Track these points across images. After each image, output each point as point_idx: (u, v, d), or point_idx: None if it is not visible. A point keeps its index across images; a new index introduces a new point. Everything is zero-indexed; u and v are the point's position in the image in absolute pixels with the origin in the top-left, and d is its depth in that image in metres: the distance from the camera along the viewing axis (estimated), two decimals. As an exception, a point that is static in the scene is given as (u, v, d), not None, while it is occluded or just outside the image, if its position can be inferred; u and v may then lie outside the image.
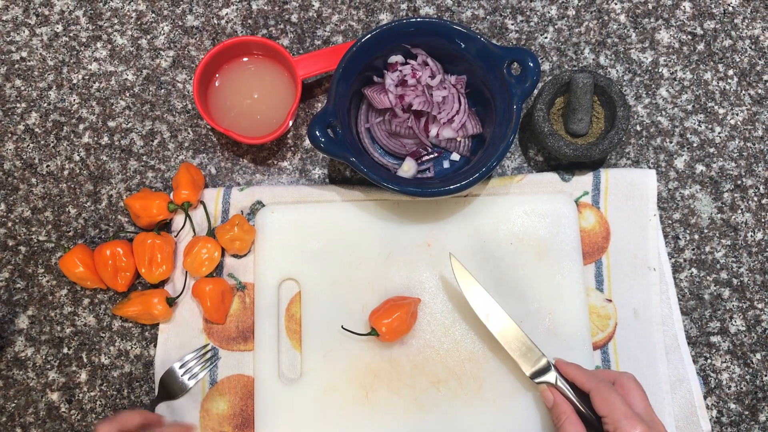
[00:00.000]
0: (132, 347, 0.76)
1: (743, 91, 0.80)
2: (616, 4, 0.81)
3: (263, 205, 0.76)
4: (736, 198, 0.78)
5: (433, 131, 0.75)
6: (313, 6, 0.82)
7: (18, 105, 0.80)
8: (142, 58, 0.81)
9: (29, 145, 0.79)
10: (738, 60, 0.80)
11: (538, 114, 0.74)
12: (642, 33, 0.81)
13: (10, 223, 0.78)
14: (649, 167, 0.78)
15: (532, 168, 0.79)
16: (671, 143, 0.79)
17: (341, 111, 0.71)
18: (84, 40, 0.81)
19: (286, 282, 0.74)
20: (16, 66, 0.81)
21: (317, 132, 0.68)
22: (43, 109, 0.80)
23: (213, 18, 0.82)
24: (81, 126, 0.80)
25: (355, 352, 0.72)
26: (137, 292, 0.75)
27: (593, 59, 0.81)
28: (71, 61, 0.81)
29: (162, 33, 0.81)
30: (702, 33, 0.81)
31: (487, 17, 0.81)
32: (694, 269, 0.77)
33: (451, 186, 0.68)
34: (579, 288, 0.73)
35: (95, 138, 0.79)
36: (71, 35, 0.81)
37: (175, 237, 0.76)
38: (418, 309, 0.73)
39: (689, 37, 0.81)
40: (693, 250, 0.77)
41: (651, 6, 0.81)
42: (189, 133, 0.80)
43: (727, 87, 0.80)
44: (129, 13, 0.82)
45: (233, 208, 0.76)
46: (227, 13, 0.82)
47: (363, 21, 0.81)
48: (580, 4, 0.82)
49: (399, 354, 0.72)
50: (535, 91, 0.78)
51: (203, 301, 0.72)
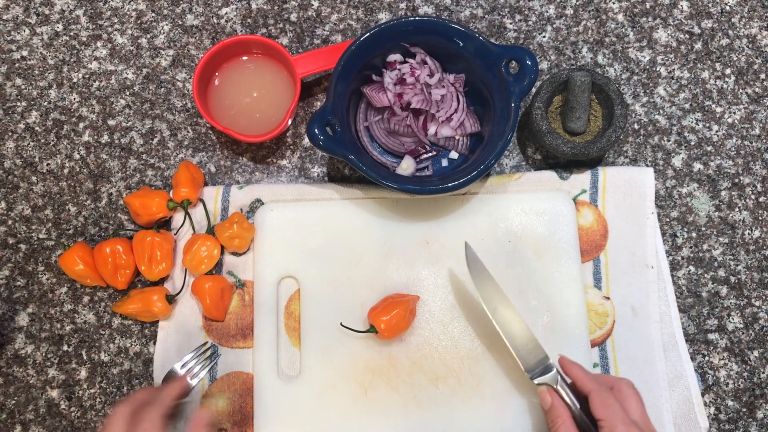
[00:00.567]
0: (132, 344, 0.76)
1: (740, 90, 0.80)
2: (614, 3, 0.82)
3: (262, 203, 0.77)
4: (733, 196, 0.78)
5: (432, 129, 0.75)
6: (313, 5, 0.82)
7: (18, 103, 0.80)
8: (142, 57, 0.81)
9: (30, 144, 0.80)
10: (735, 59, 0.81)
11: (536, 112, 0.74)
12: (640, 32, 0.81)
13: (10, 221, 0.78)
14: (647, 165, 0.79)
15: (530, 166, 0.80)
16: (669, 141, 0.79)
17: (340, 109, 0.71)
18: (84, 39, 0.82)
19: (285, 280, 0.75)
20: (16, 65, 0.81)
21: (316, 130, 0.68)
22: (44, 108, 0.80)
23: (212, 17, 0.82)
24: (81, 124, 0.80)
25: (354, 349, 0.72)
26: (137, 289, 0.75)
27: (591, 58, 0.81)
28: (71, 60, 0.81)
29: (162, 32, 0.82)
30: (699, 32, 0.81)
31: (486, 16, 0.82)
32: (691, 267, 0.77)
33: (450, 184, 0.69)
34: (577, 286, 0.74)
35: (95, 136, 0.80)
36: (71, 34, 0.82)
37: (175, 235, 0.76)
38: (416, 306, 0.73)
39: (687, 36, 0.81)
40: (691, 247, 0.77)
41: (649, 5, 0.82)
42: (188, 132, 0.80)
43: (725, 86, 0.80)
44: (129, 13, 0.82)
45: (232, 206, 0.77)
46: (227, 13, 0.82)
47: (362, 20, 0.82)
48: (578, 3, 0.82)
49: (398, 351, 0.72)
50: (533, 90, 0.79)
51: (203, 299, 0.73)
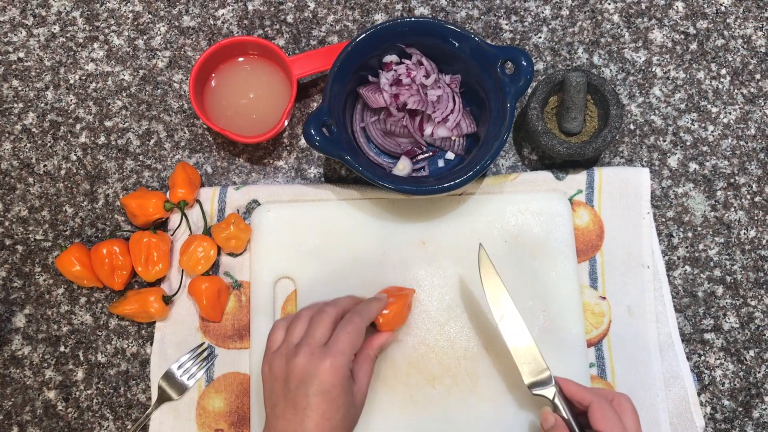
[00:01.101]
0: (128, 345, 0.76)
1: (736, 90, 0.80)
2: (609, 4, 0.82)
3: (259, 204, 0.77)
4: (729, 196, 0.78)
5: (428, 130, 0.75)
6: (309, 6, 0.82)
7: (15, 105, 0.80)
8: (138, 58, 0.81)
9: (26, 145, 0.80)
10: (731, 59, 0.81)
11: (531, 113, 0.74)
12: (635, 32, 0.82)
13: (7, 223, 0.78)
14: (643, 166, 0.79)
15: (526, 167, 0.80)
16: (665, 142, 0.79)
17: (336, 110, 0.71)
18: (81, 40, 0.82)
19: (281, 280, 0.75)
20: (13, 66, 0.81)
21: (312, 131, 0.68)
22: (40, 109, 0.80)
23: (209, 18, 0.82)
24: (78, 126, 0.80)
25: (351, 349, 0.73)
26: (134, 290, 0.75)
27: (587, 59, 0.81)
28: (68, 62, 0.81)
29: (158, 33, 0.82)
30: (695, 32, 0.82)
31: (482, 17, 0.82)
32: (687, 267, 0.77)
33: (446, 184, 0.69)
34: (573, 286, 0.74)
35: (92, 138, 0.80)
36: (68, 36, 0.82)
37: (172, 236, 0.76)
38: (413, 300, 0.73)
39: (682, 37, 0.82)
40: (686, 247, 0.77)
41: (644, 6, 0.82)
42: (185, 133, 0.80)
43: (720, 86, 0.81)
44: (126, 14, 0.82)
45: (229, 206, 0.77)
46: (223, 14, 0.82)
47: (358, 21, 0.82)
48: (573, 4, 0.82)
49: (394, 351, 0.73)
50: (529, 90, 0.79)
51: (199, 300, 0.73)
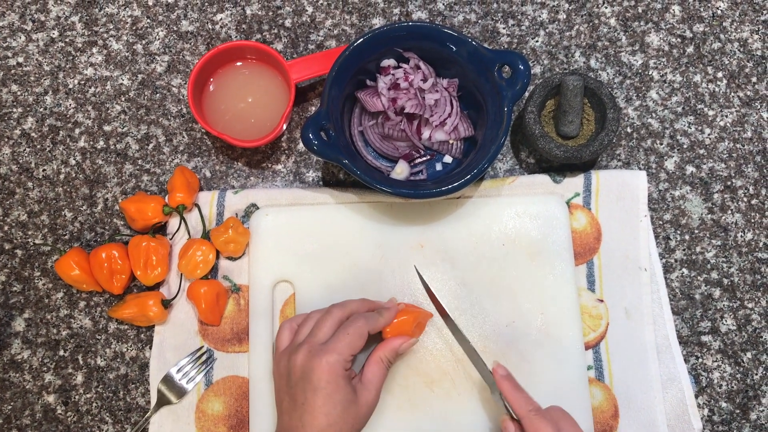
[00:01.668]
0: (128, 349, 0.76)
1: (732, 93, 0.81)
2: (606, 7, 0.82)
3: (257, 208, 0.77)
4: (726, 199, 0.79)
5: (426, 134, 0.75)
6: (307, 11, 0.83)
7: (14, 110, 0.81)
8: (137, 62, 0.82)
9: (25, 150, 0.80)
10: (727, 62, 0.81)
11: (529, 116, 0.75)
12: (632, 36, 0.82)
13: (6, 227, 0.78)
14: (640, 169, 0.79)
15: (523, 170, 0.80)
16: (661, 145, 0.80)
17: (334, 114, 0.71)
18: (80, 45, 0.82)
19: (280, 284, 0.75)
20: (12, 71, 0.81)
21: (310, 135, 0.69)
22: (39, 114, 0.81)
23: (207, 23, 0.82)
24: (77, 130, 0.80)
25: (349, 353, 0.73)
26: (132, 294, 0.75)
27: (584, 62, 0.81)
28: (67, 66, 0.82)
29: (157, 38, 0.82)
30: (691, 36, 0.82)
31: (479, 21, 0.82)
32: (684, 269, 0.77)
33: (444, 188, 0.69)
34: (571, 288, 0.74)
35: (91, 142, 0.80)
36: (67, 41, 0.82)
37: (170, 240, 0.77)
38: (426, 322, 0.73)
39: (679, 40, 0.82)
40: (684, 250, 0.78)
41: (641, 9, 0.82)
42: (184, 137, 0.80)
43: (717, 89, 0.81)
44: (124, 19, 0.82)
45: (228, 210, 0.77)
46: (221, 18, 0.82)
47: (356, 25, 0.82)
48: (570, 8, 0.82)
49: (392, 355, 0.73)
50: (526, 94, 0.79)
51: (198, 303, 0.73)
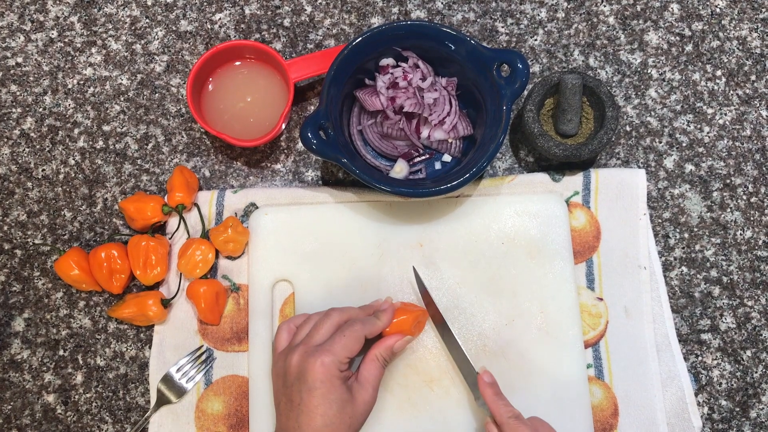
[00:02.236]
0: (127, 349, 0.76)
1: (731, 91, 0.81)
2: (605, 6, 0.82)
3: (257, 207, 0.77)
4: (725, 197, 0.79)
5: (425, 133, 0.75)
6: (306, 10, 0.83)
7: (14, 110, 0.81)
8: (136, 62, 0.82)
9: (25, 150, 0.80)
10: (726, 60, 0.81)
11: (528, 115, 0.75)
12: (631, 34, 0.82)
13: (6, 227, 0.78)
14: (639, 167, 0.79)
15: (522, 168, 0.80)
16: (660, 143, 0.80)
17: (333, 113, 0.71)
18: (79, 45, 0.82)
19: (279, 283, 0.75)
20: (11, 71, 0.81)
21: (309, 134, 0.69)
22: (39, 114, 0.81)
23: (206, 23, 0.82)
24: (76, 130, 0.80)
25: (349, 352, 0.73)
26: (132, 294, 0.75)
27: (583, 61, 0.81)
28: (66, 67, 0.82)
29: (156, 38, 0.82)
30: (690, 34, 0.82)
31: (478, 20, 0.82)
32: (684, 267, 0.77)
33: (443, 186, 0.69)
34: (570, 287, 0.74)
35: (90, 142, 0.80)
36: (66, 41, 0.82)
37: (170, 239, 0.77)
38: (426, 321, 0.73)
39: (677, 39, 0.82)
40: (683, 248, 0.78)
41: (639, 8, 0.82)
42: (183, 137, 0.80)
43: (716, 87, 0.81)
44: (123, 19, 0.82)
45: (227, 210, 0.77)
46: (220, 18, 0.82)
47: (355, 25, 0.82)
48: (569, 6, 0.82)
49: (392, 353, 0.73)
50: (525, 92, 0.79)
51: (197, 303, 0.73)
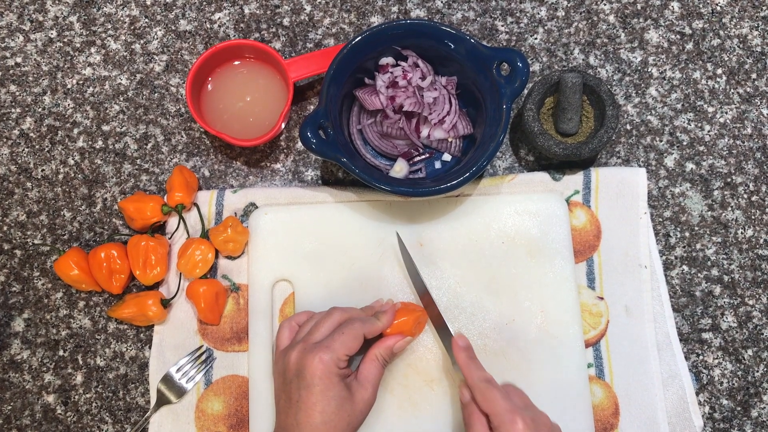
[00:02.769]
0: (127, 349, 0.76)
1: (732, 90, 0.80)
2: (605, 4, 0.82)
3: (256, 207, 0.77)
4: (726, 195, 0.78)
5: (425, 132, 0.75)
6: (305, 9, 0.82)
7: (13, 110, 0.81)
8: (135, 62, 0.82)
9: (24, 150, 0.80)
10: (726, 59, 0.81)
11: (528, 114, 0.74)
12: (631, 33, 0.82)
13: (5, 227, 0.78)
14: (640, 166, 0.79)
15: (523, 167, 0.80)
16: (661, 142, 0.80)
17: (333, 112, 0.71)
18: (78, 45, 0.82)
19: (279, 283, 0.75)
20: (10, 71, 0.81)
21: (309, 133, 0.68)
22: (38, 114, 0.81)
23: (206, 22, 0.82)
24: (75, 130, 0.80)
25: (349, 351, 0.73)
26: (132, 294, 0.75)
27: (583, 59, 0.81)
28: (65, 66, 0.81)
29: (155, 38, 0.82)
30: (690, 32, 0.82)
31: (478, 19, 0.82)
32: (685, 266, 0.77)
33: (443, 186, 0.69)
34: (571, 286, 0.74)
35: (89, 142, 0.80)
36: (65, 41, 0.82)
37: (169, 239, 0.76)
38: (426, 321, 0.72)
39: (678, 37, 0.82)
40: (684, 247, 0.78)
41: (640, 6, 0.82)
42: (182, 137, 0.80)
43: (716, 86, 0.81)
44: (122, 19, 0.82)
45: (226, 210, 0.77)
46: (220, 18, 0.82)
47: (354, 24, 0.82)
48: (569, 5, 0.82)
49: (392, 353, 0.73)
50: (525, 91, 0.79)
51: (197, 303, 0.73)
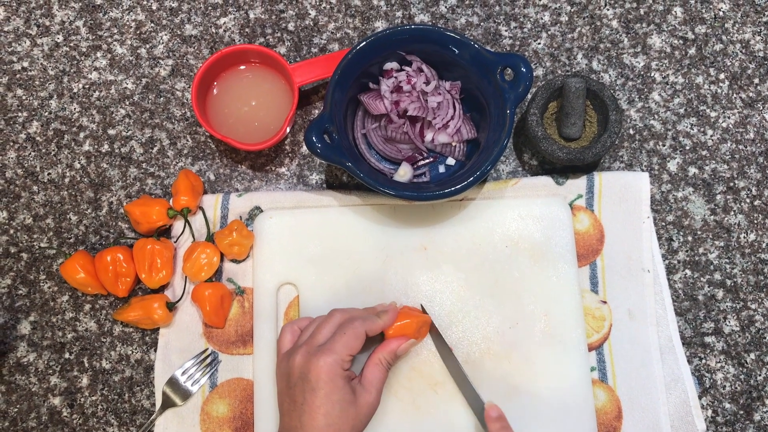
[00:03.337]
0: (133, 352, 0.76)
1: (734, 95, 0.81)
2: (608, 9, 0.83)
3: (261, 211, 0.77)
4: (728, 200, 0.79)
5: (429, 136, 0.76)
6: (310, 14, 0.83)
7: (19, 114, 0.81)
8: (141, 67, 0.82)
9: (31, 154, 0.80)
10: (729, 64, 0.82)
11: (531, 118, 0.75)
12: (634, 38, 0.82)
13: (12, 231, 0.79)
14: (643, 170, 0.79)
15: (526, 172, 0.80)
16: (664, 146, 0.80)
17: (338, 117, 0.72)
18: (84, 49, 0.82)
19: (284, 286, 0.75)
20: (17, 76, 0.82)
21: (314, 138, 0.69)
22: (44, 118, 0.81)
23: (211, 27, 0.83)
24: (81, 134, 0.81)
25: (353, 355, 0.73)
26: (137, 297, 0.75)
27: (586, 64, 0.82)
28: (72, 71, 0.82)
29: (161, 42, 0.82)
30: (693, 37, 0.82)
31: (481, 24, 0.82)
32: (688, 270, 0.78)
33: (447, 190, 0.69)
34: (574, 290, 0.74)
35: (95, 146, 0.80)
36: (72, 45, 0.83)
37: (175, 243, 0.77)
38: (429, 326, 0.72)
39: (681, 42, 0.82)
40: (687, 251, 0.78)
41: (643, 11, 0.83)
42: (188, 141, 0.81)
43: (719, 90, 0.81)
44: (128, 23, 0.83)
45: (232, 213, 0.77)
46: (225, 22, 0.83)
47: (359, 29, 0.83)
48: (572, 10, 0.83)
49: (396, 356, 0.73)
50: (529, 96, 0.79)
51: (203, 306, 0.73)
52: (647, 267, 0.76)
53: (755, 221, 0.78)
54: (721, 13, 0.83)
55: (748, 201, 0.79)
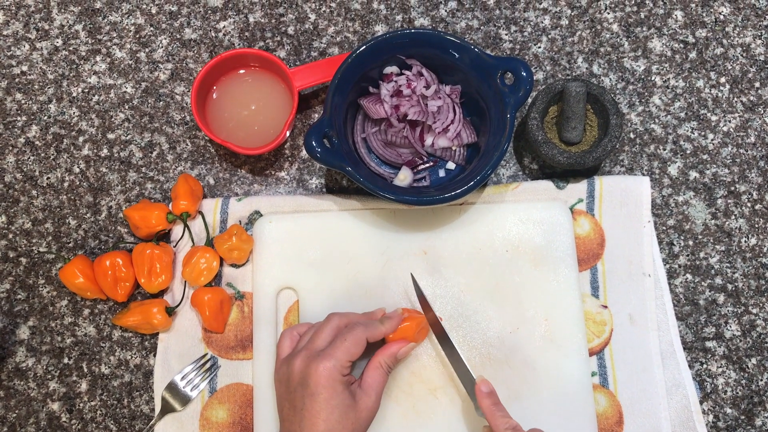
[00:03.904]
0: (132, 357, 0.76)
1: (735, 99, 0.81)
2: (608, 13, 0.82)
3: (261, 215, 0.77)
4: (729, 204, 0.79)
5: (429, 141, 0.76)
6: (310, 18, 0.83)
7: (18, 118, 0.81)
8: (140, 71, 0.82)
9: (30, 158, 0.80)
10: (730, 68, 0.81)
11: (532, 122, 0.75)
12: (634, 42, 0.82)
13: (11, 235, 0.79)
14: (643, 174, 0.79)
15: (527, 176, 0.80)
16: (665, 150, 0.80)
17: (337, 121, 0.72)
18: (83, 53, 0.82)
19: (284, 291, 0.75)
20: (16, 80, 0.82)
21: (314, 142, 0.69)
22: (44, 122, 0.81)
23: (210, 31, 0.83)
24: (81, 138, 0.81)
25: (353, 360, 0.73)
26: (137, 302, 0.75)
27: (586, 68, 0.81)
28: (71, 75, 0.82)
29: (160, 46, 0.82)
30: (694, 41, 0.82)
31: (481, 27, 0.82)
32: (688, 275, 0.77)
33: (447, 194, 0.69)
34: (574, 294, 0.74)
35: (95, 150, 0.80)
36: (71, 49, 0.82)
37: (174, 247, 0.77)
38: (429, 328, 0.72)
39: (681, 46, 0.82)
40: (687, 256, 0.78)
41: (643, 15, 0.82)
42: (187, 145, 0.80)
43: (720, 94, 0.81)
44: (128, 27, 0.83)
45: (231, 218, 0.77)
46: (225, 26, 0.83)
47: (358, 33, 0.82)
48: (573, 14, 0.83)
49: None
50: (529, 100, 0.79)
51: (202, 311, 0.73)
52: (648, 271, 0.76)
53: (756, 225, 0.78)
54: (722, 17, 0.82)
55: (749, 205, 0.79)
